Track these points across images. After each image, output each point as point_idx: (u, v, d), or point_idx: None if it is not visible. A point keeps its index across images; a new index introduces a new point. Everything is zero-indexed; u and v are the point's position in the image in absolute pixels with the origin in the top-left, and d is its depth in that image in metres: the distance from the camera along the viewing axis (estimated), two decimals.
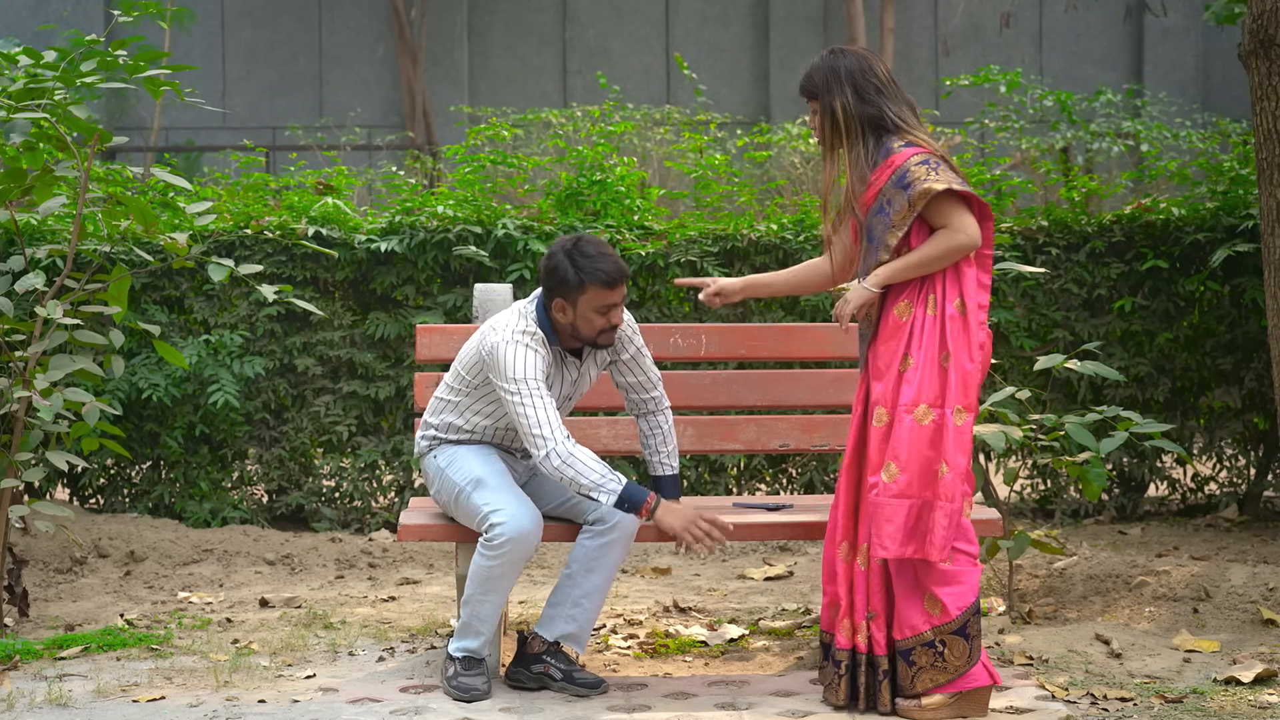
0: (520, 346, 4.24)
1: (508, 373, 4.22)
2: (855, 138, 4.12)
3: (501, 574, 4.25)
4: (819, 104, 4.15)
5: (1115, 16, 16.74)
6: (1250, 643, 4.77)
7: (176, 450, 6.84)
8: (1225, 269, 6.97)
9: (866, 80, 4.11)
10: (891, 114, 4.11)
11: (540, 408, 4.18)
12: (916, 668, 4.03)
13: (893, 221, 4.06)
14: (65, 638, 4.88)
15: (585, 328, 4.29)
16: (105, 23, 16.11)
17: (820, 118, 4.16)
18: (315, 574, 6.14)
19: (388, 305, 7.02)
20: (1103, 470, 5.15)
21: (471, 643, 4.33)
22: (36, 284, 4.96)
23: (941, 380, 4.00)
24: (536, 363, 4.24)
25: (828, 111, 4.13)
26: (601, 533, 4.35)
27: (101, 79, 5.03)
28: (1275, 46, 5.41)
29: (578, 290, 4.24)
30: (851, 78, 4.10)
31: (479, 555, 4.27)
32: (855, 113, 4.10)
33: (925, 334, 4.03)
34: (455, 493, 4.36)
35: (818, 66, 4.16)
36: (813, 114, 4.20)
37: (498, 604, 4.31)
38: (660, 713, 4.12)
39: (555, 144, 9.00)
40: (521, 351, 4.23)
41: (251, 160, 8.70)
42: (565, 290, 4.25)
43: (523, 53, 17.52)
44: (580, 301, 4.25)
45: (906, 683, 4.04)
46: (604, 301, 4.26)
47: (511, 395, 4.21)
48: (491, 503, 4.26)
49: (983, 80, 10.53)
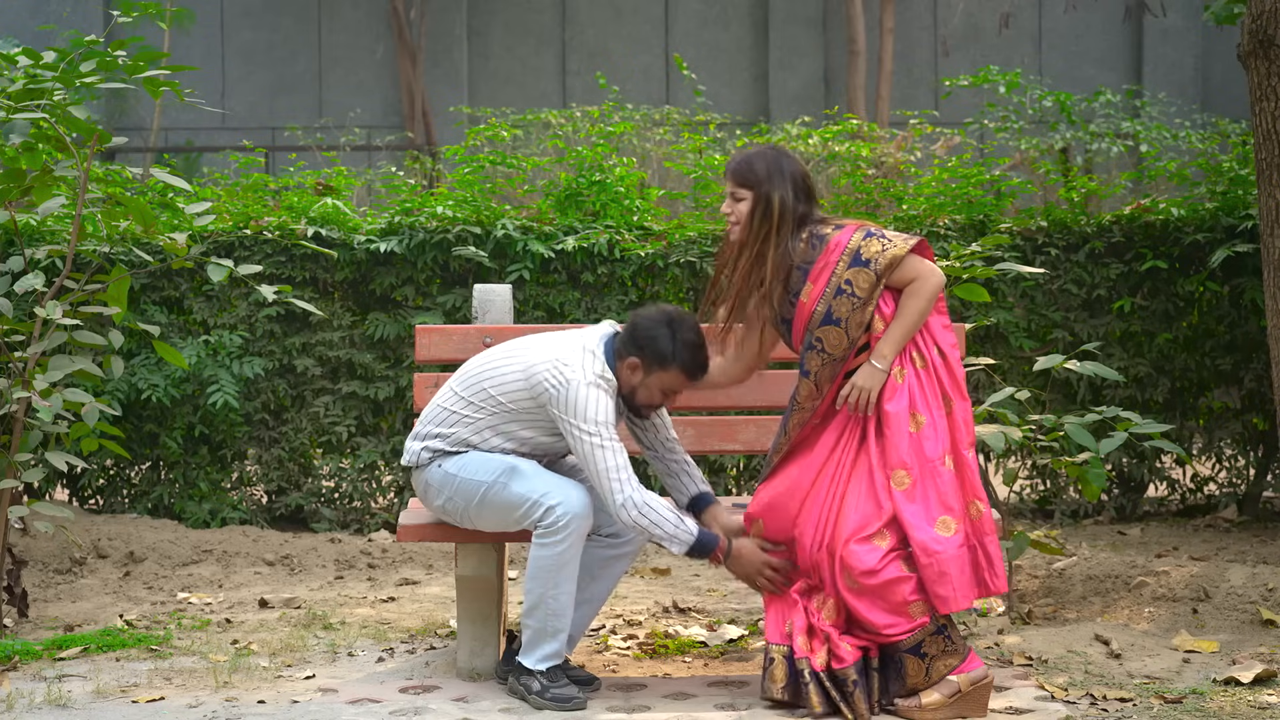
0: (600, 391, 4.16)
1: (588, 414, 4.12)
2: (786, 232, 4.21)
3: (571, 558, 4.17)
4: (754, 193, 4.21)
5: (1115, 17, 16.73)
6: (1250, 643, 4.77)
7: (176, 451, 6.84)
8: (1224, 269, 6.97)
9: (803, 183, 4.25)
10: (816, 214, 4.26)
11: (617, 453, 4.13)
12: (930, 658, 4.05)
13: (862, 299, 4.14)
14: (65, 638, 4.88)
15: (643, 397, 4.28)
16: (105, 23, 16.11)
17: (752, 207, 4.22)
18: (315, 574, 6.14)
19: (387, 306, 7.02)
20: (1102, 471, 5.15)
21: (551, 646, 4.21)
22: (36, 284, 4.96)
23: (951, 427, 4.14)
24: (611, 409, 4.18)
25: (762, 201, 4.20)
26: (612, 545, 4.37)
27: (101, 79, 5.03)
28: (1274, 47, 5.41)
29: (663, 365, 4.22)
30: (793, 178, 4.23)
31: (540, 548, 4.16)
32: (790, 208, 4.20)
33: (924, 389, 4.15)
34: (480, 493, 4.23)
35: (759, 157, 4.24)
36: (734, 201, 4.24)
37: (571, 593, 4.21)
38: (660, 713, 4.12)
39: (555, 144, 9.00)
40: (602, 397, 4.16)
41: (251, 161, 8.70)
42: (652, 358, 4.21)
43: (522, 53, 17.52)
44: (657, 375, 4.24)
45: (920, 678, 4.05)
46: (676, 386, 4.28)
47: (590, 438, 4.12)
48: (538, 488, 4.17)
49: (982, 81, 10.53)
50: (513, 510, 4.20)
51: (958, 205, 7.16)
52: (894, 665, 4.08)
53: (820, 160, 8.99)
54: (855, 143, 8.90)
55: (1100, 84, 14.48)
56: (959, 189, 7.25)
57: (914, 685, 4.07)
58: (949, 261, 5.54)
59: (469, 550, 4.43)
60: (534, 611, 4.21)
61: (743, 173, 4.22)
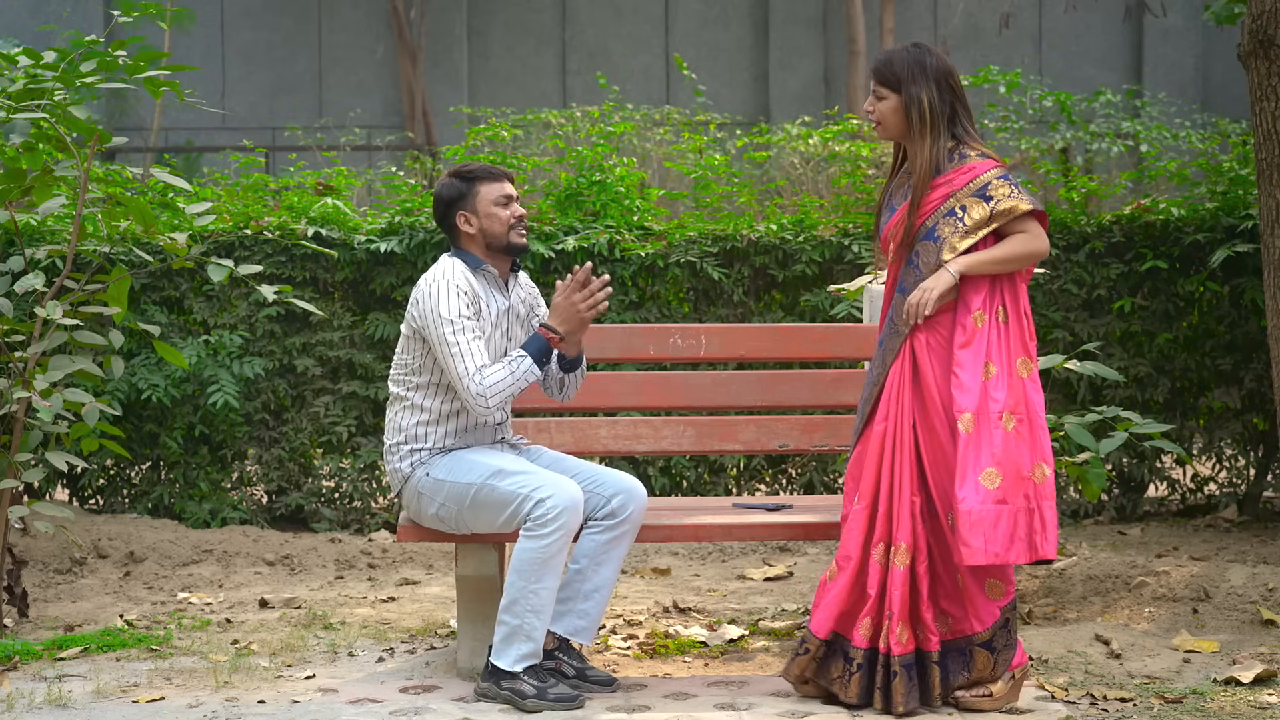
0: (445, 284, 4.27)
1: (439, 309, 4.24)
2: (936, 134, 4.14)
3: (556, 553, 4.16)
4: (899, 95, 4.15)
5: (1115, 17, 16.72)
6: (1250, 643, 4.77)
7: (176, 451, 6.84)
8: (1225, 269, 6.97)
9: (948, 83, 4.16)
10: (963, 121, 4.17)
11: (469, 344, 4.21)
12: (997, 652, 4.09)
13: (966, 227, 4.10)
14: (65, 638, 4.88)
15: (494, 225, 4.36)
16: (105, 23, 16.11)
17: (901, 107, 4.15)
18: (315, 574, 6.14)
19: (387, 306, 7.02)
20: (1102, 471, 5.16)
21: (526, 646, 4.19)
22: (36, 284, 4.95)
23: (1020, 387, 4.08)
24: (462, 301, 4.26)
25: (913, 102, 4.14)
26: (610, 526, 4.34)
27: (101, 79, 5.03)
28: (1275, 47, 5.40)
29: (470, 194, 4.37)
30: (937, 75, 4.14)
31: (526, 542, 4.16)
32: (938, 110, 4.13)
33: (1002, 342, 4.10)
34: (471, 493, 4.24)
35: (902, 57, 4.16)
36: (879, 100, 4.19)
37: (552, 590, 4.19)
38: (660, 713, 4.12)
39: (555, 144, 9.01)
40: (446, 290, 4.27)
41: (251, 161, 8.70)
42: (459, 200, 4.37)
43: (522, 53, 17.52)
44: (478, 203, 4.36)
45: (988, 672, 4.09)
46: (499, 193, 4.38)
47: (441, 336, 4.22)
48: (528, 483, 4.19)
49: (982, 80, 10.53)
50: (504, 508, 4.21)
51: None
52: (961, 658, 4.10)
53: (820, 160, 8.99)
54: (855, 143, 8.90)
55: (1100, 84, 14.48)
56: None
57: (979, 678, 4.10)
58: None
59: (469, 550, 4.43)
60: (511, 607, 4.18)
61: (884, 73, 4.17)
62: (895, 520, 4.09)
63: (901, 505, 4.09)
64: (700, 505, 5.03)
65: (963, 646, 4.11)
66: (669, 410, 5.29)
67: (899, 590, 4.05)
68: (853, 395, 4.91)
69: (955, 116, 4.16)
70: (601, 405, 4.99)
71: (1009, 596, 4.11)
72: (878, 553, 4.10)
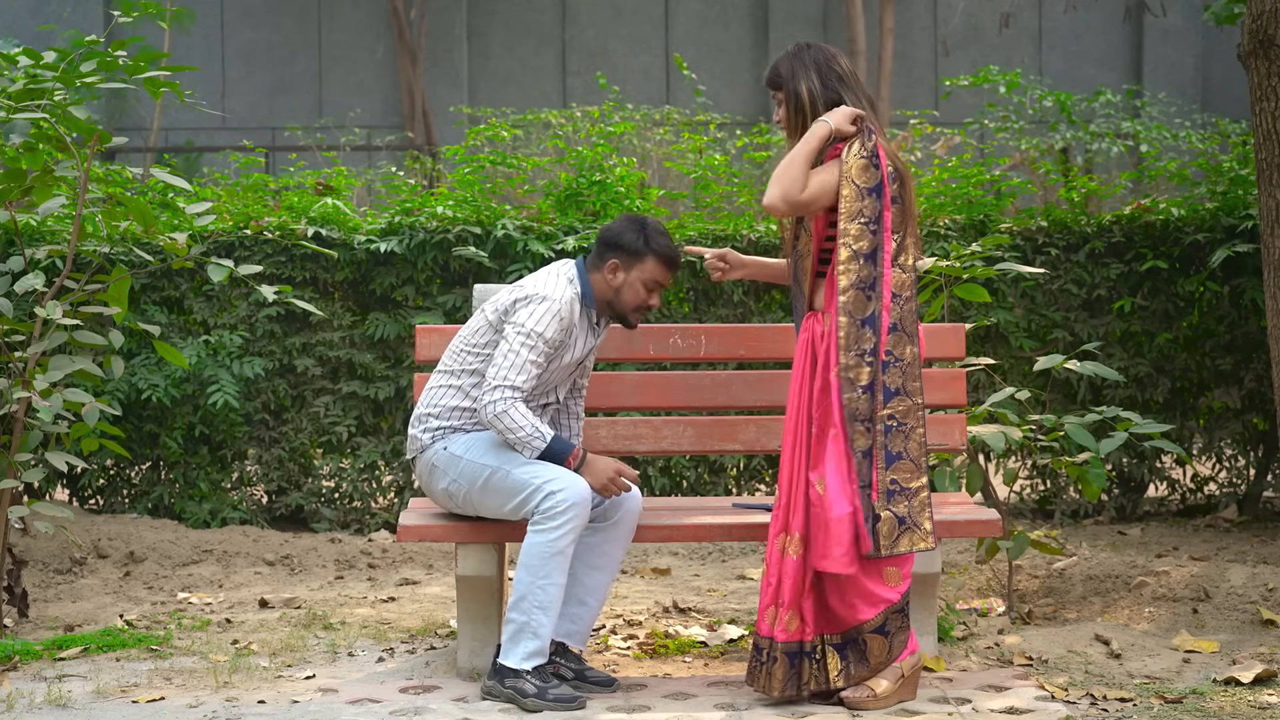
0: (554, 315, 4.27)
1: (529, 323, 4.24)
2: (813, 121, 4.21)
3: (565, 546, 4.18)
4: (784, 93, 4.25)
5: (1115, 17, 16.74)
6: (1250, 643, 4.77)
7: (176, 451, 6.84)
8: (1225, 269, 6.97)
9: (830, 68, 4.23)
10: (850, 104, 4.21)
11: (529, 362, 4.22)
12: (891, 635, 4.15)
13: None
14: (65, 638, 4.88)
15: (630, 296, 4.37)
16: (105, 23, 16.11)
17: (785, 106, 4.26)
18: (315, 574, 6.14)
19: (387, 306, 7.02)
20: (1102, 471, 5.15)
21: (533, 644, 4.20)
22: (36, 284, 4.96)
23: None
24: (557, 329, 4.27)
25: (793, 97, 4.23)
26: (605, 528, 4.35)
27: (101, 79, 5.03)
28: (1275, 47, 5.41)
29: (639, 257, 4.35)
30: (816, 65, 4.23)
31: (534, 536, 4.18)
32: (819, 97, 4.21)
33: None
34: (485, 475, 4.27)
35: (782, 58, 4.30)
36: (778, 105, 4.30)
37: (560, 586, 4.20)
38: (660, 713, 4.12)
39: (555, 144, 9.01)
40: (553, 320, 4.26)
41: (251, 161, 8.70)
42: (627, 254, 4.35)
43: (522, 53, 17.52)
44: (636, 270, 4.36)
45: (884, 656, 4.14)
46: (656, 278, 4.38)
47: (518, 335, 4.23)
48: (542, 474, 4.20)
49: (982, 81, 10.53)
50: (514, 495, 4.23)
51: (958, 205, 7.16)
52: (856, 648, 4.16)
53: None
54: None
55: (1100, 84, 14.49)
56: (959, 189, 7.25)
57: (878, 666, 4.16)
58: (949, 261, 5.54)
59: (469, 550, 4.43)
60: (519, 604, 4.20)
61: (770, 78, 4.29)
62: (792, 510, 4.18)
63: (798, 495, 4.17)
64: (700, 505, 5.03)
65: (854, 636, 4.16)
66: (669, 410, 5.28)
67: (790, 579, 4.14)
68: None
69: (842, 101, 4.21)
70: (601, 405, 4.99)
71: (906, 581, 4.18)
72: (779, 542, 4.20)
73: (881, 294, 4.09)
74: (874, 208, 4.10)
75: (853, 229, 4.08)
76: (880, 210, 4.10)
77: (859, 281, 4.09)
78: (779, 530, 4.19)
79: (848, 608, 4.14)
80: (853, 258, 4.09)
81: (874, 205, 4.10)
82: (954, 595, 5.51)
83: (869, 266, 4.10)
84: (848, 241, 4.08)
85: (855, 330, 4.10)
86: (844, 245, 4.09)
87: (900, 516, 4.09)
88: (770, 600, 4.17)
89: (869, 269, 4.10)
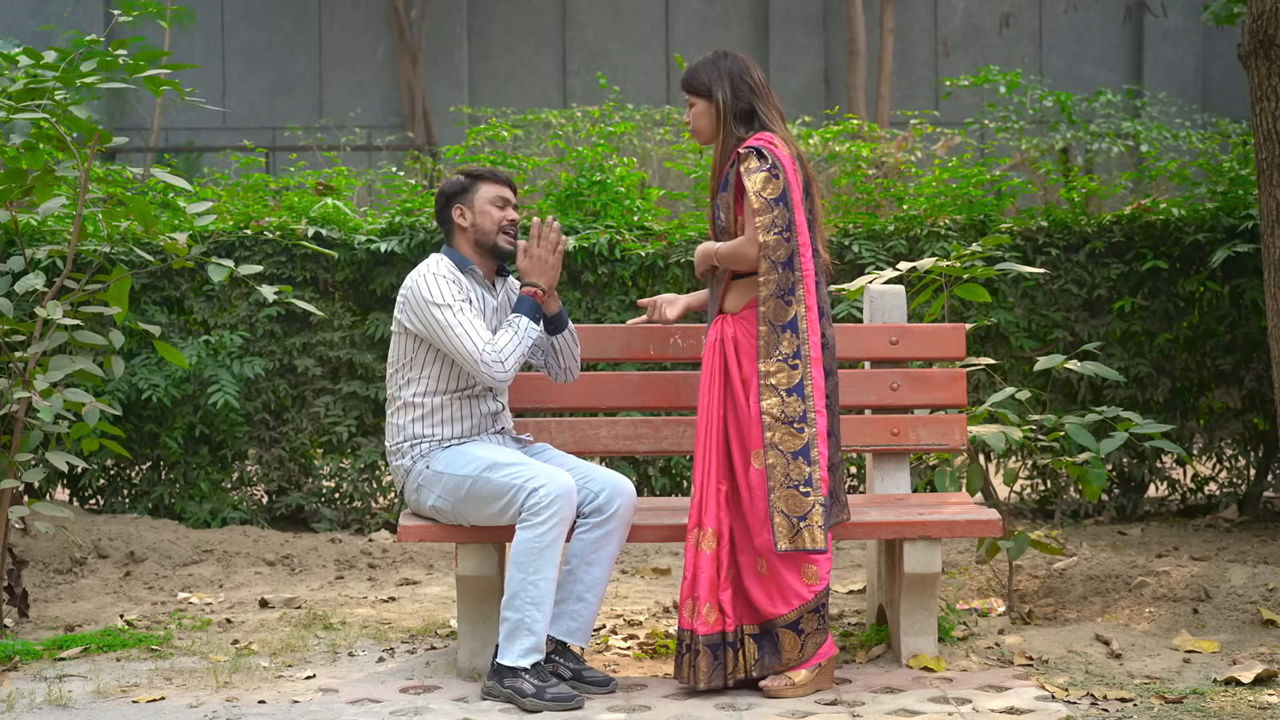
0: (432, 276, 4.38)
1: (432, 298, 4.33)
2: (729, 129, 4.36)
3: (551, 542, 4.20)
4: (707, 100, 4.39)
5: (1115, 17, 16.74)
6: (1250, 643, 4.77)
7: (176, 451, 6.84)
8: (1225, 269, 6.97)
9: (743, 80, 4.38)
10: (761, 113, 4.37)
11: (468, 323, 4.30)
12: (805, 635, 4.23)
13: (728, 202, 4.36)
14: (65, 638, 4.88)
15: (485, 222, 4.48)
16: (105, 23, 16.11)
17: (709, 110, 4.40)
18: (315, 574, 6.14)
19: (387, 306, 7.02)
20: (1102, 471, 5.15)
21: (529, 640, 4.20)
22: (36, 284, 4.96)
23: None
24: (448, 286, 4.37)
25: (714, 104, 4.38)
26: (599, 524, 4.35)
27: (101, 79, 5.03)
28: (1275, 47, 5.41)
29: (471, 189, 4.50)
30: (730, 76, 4.37)
31: (522, 533, 4.21)
32: (731, 107, 4.36)
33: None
34: (466, 486, 4.31)
35: (701, 64, 4.44)
36: (689, 107, 4.45)
37: (552, 581, 4.22)
38: (660, 713, 4.12)
39: (555, 144, 9.01)
40: (434, 280, 4.37)
41: (251, 161, 8.71)
42: (459, 194, 4.50)
43: (522, 53, 17.53)
44: (475, 199, 4.48)
45: (795, 654, 4.22)
46: (497, 194, 4.50)
47: (440, 321, 4.32)
48: (521, 474, 4.25)
49: (982, 81, 10.54)
50: (498, 499, 4.27)
51: (958, 205, 7.16)
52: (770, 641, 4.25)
53: (821, 160, 8.99)
54: (856, 143, 8.90)
55: (1100, 84, 14.50)
56: (959, 189, 7.25)
57: (788, 661, 4.24)
58: (949, 261, 5.54)
59: (469, 550, 4.43)
60: (512, 602, 4.22)
61: (689, 81, 4.44)
62: (704, 506, 4.26)
63: (709, 492, 4.26)
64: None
65: (770, 629, 4.24)
66: (669, 410, 5.28)
67: (705, 573, 4.21)
68: (853, 395, 4.92)
69: (754, 112, 4.36)
70: (601, 405, 4.99)
71: (824, 582, 4.24)
72: (693, 537, 4.27)
73: (803, 297, 4.24)
74: (784, 215, 4.22)
75: (770, 240, 4.21)
76: (791, 215, 4.23)
77: (778, 290, 4.23)
78: (693, 526, 4.28)
79: (767, 599, 4.24)
80: (771, 268, 4.23)
81: (784, 213, 4.22)
82: (954, 595, 5.51)
83: (787, 273, 4.23)
84: (766, 253, 4.21)
85: (774, 336, 4.23)
86: (763, 258, 4.21)
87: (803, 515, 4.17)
88: (688, 594, 4.25)
89: (787, 275, 4.23)
